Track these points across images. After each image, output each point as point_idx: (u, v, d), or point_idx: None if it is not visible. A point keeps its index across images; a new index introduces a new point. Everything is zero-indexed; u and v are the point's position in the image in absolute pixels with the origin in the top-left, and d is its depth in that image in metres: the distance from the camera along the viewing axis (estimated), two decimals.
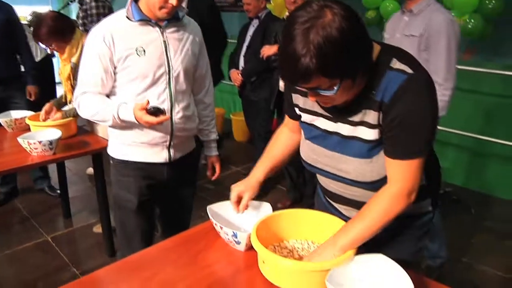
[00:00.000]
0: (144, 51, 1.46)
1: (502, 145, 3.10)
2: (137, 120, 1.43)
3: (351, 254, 1.00)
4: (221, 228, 1.19)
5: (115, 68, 1.48)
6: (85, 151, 2.22)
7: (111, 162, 1.66)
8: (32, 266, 2.47)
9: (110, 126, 1.57)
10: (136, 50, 1.45)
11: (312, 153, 1.12)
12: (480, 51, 3.35)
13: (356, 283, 0.99)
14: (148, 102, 1.41)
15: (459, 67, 3.02)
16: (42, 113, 2.33)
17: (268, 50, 2.95)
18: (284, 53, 0.86)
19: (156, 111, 1.43)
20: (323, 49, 0.81)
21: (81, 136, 2.40)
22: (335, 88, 0.88)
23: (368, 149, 1.00)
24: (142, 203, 1.66)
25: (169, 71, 1.51)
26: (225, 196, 1.29)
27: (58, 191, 3.16)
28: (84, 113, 1.54)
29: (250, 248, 1.16)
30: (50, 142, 2.07)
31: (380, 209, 0.99)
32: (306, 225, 1.20)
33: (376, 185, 1.03)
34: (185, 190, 1.80)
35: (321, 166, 1.11)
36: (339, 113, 1.03)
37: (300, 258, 1.14)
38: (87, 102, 1.51)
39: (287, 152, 1.29)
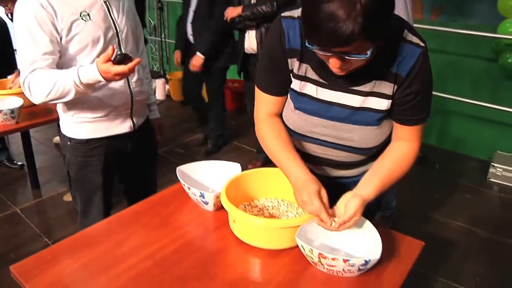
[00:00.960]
0: (88, 15, 1.32)
1: (468, 104, 3.18)
2: (104, 77, 1.23)
3: None
4: (189, 188, 1.19)
5: (60, 39, 1.30)
6: (50, 118, 2.13)
7: (68, 143, 1.49)
8: (1, 239, 2.41)
9: (71, 100, 1.31)
10: (81, 15, 1.30)
11: (305, 124, 1.06)
12: (445, 11, 3.37)
13: (326, 238, 1.02)
14: (114, 49, 1.21)
15: (426, 26, 3.10)
16: (9, 79, 2.23)
17: (232, 12, 2.84)
18: (318, 14, 0.76)
19: (123, 59, 1.22)
20: (372, 9, 0.74)
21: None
22: (368, 52, 0.81)
23: (378, 118, 1.01)
24: (106, 180, 1.56)
25: (117, 33, 1.40)
26: (195, 159, 1.29)
27: (19, 163, 3.07)
28: (38, 94, 1.28)
29: (220, 208, 1.16)
30: (12, 111, 1.98)
31: (398, 159, 1.02)
32: (275, 183, 1.20)
33: (373, 150, 1.07)
34: (149, 162, 1.74)
35: (318, 136, 1.08)
36: (345, 82, 0.98)
37: (271, 216, 1.16)
38: (39, 79, 1.26)
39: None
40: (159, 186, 1.78)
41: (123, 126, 1.51)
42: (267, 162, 1.17)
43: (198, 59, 3.10)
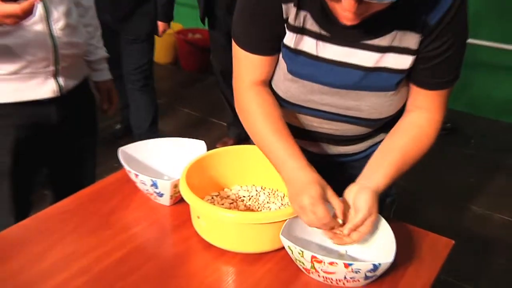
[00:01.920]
0: None
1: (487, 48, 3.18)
2: None
3: None
4: (136, 176, 1.19)
5: None
6: None
7: None
8: None
9: None
10: None
11: (300, 92, 1.08)
12: None
13: (321, 236, 1.03)
14: None
15: None
16: None
17: None
18: None
19: None
20: None
21: None
22: None
23: (397, 81, 1.02)
24: (19, 165, 1.53)
25: None
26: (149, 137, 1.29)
27: None
28: None
29: (179, 201, 1.18)
30: None
31: (415, 136, 1.04)
32: (253, 166, 1.22)
33: (383, 121, 1.10)
34: (84, 141, 1.74)
35: (315, 106, 1.10)
36: (357, 34, 0.99)
37: (247, 208, 1.19)
38: None
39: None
40: (98, 175, 1.77)
41: (43, 90, 1.47)
42: (241, 140, 1.16)
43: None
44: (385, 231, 1.01)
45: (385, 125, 1.12)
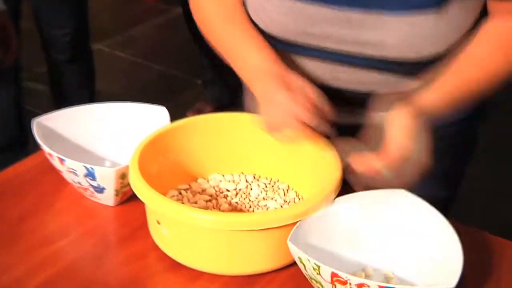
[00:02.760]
0: None
1: None
2: None
3: (331, 191, 1.00)
4: (61, 161, 1.14)
5: None
6: None
7: None
8: None
9: None
10: None
11: (292, 21, 1.09)
12: None
13: (347, 244, 1.03)
14: None
15: None
16: None
17: None
18: None
19: None
20: None
21: None
22: None
23: None
24: None
25: None
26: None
27: None
28: None
29: (128, 199, 1.16)
30: None
31: (497, 43, 1.04)
32: (241, 145, 1.21)
33: (425, 65, 1.06)
34: None
35: (316, 42, 1.10)
36: None
37: (233, 208, 1.17)
38: None
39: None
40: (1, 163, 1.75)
41: None
42: (223, 105, 1.23)
43: None
44: (446, 233, 0.98)
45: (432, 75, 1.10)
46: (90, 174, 1.11)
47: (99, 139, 1.29)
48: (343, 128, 1.00)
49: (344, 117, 1.01)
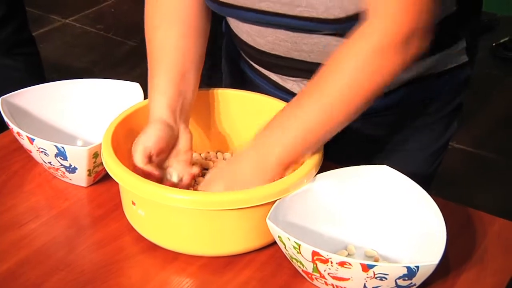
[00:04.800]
0: None
1: None
2: None
3: (312, 167, 1.00)
4: (30, 140, 1.13)
5: None
6: None
7: None
8: None
9: None
10: None
11: None
12: None
13: (331, 221, 1.03)
14: None
15: None
16: None
17: None
18: None
19: None
20: None
21: None
22: None
23: None
24: None
25: None
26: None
27: None
28: None
29: (101, 179, 1.17)
30: None
31: (350, 71, 1.01)
32: (222, 122, 1.23)
33: (353, 24, 1.05)
34: None
35: (254, 2, 1.10)
36: None
37: None
38: None
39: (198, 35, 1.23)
40: None
41: None
42: (202, 81, 1.20)
43: None
44: (429, 209, 0.98)
45: None
46: (61, 154, 1.10)
47: (70, 117, 1.29)
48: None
49: None
